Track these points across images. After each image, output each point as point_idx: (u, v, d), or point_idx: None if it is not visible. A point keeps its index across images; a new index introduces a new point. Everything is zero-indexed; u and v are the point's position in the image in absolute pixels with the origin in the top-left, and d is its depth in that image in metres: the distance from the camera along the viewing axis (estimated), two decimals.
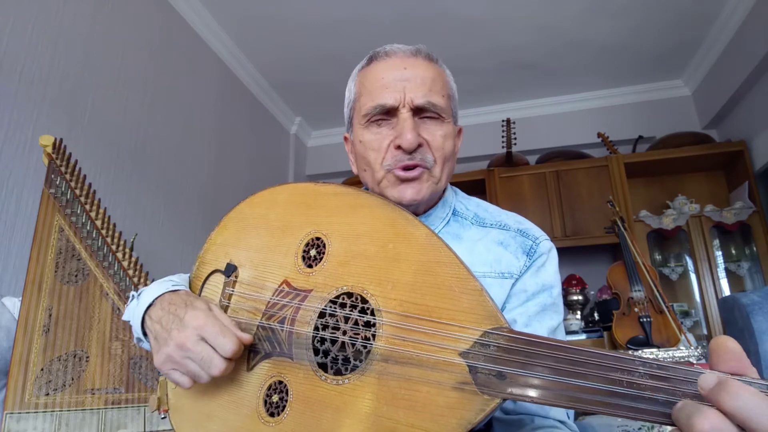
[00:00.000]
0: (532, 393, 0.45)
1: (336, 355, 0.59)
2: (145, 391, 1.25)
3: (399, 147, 0.75)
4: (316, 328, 0.62)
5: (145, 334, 0.72)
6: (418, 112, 0.76)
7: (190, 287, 0.80)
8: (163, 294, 0.72)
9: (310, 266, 0.66)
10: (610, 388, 0.42)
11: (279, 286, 0.67)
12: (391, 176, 0.76)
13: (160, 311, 0.69)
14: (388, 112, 0.77)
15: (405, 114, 0.75)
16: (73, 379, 1.22)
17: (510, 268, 0.76)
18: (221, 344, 0.60)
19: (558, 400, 0.44)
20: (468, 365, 0.49)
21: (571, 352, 0.45)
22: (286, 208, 0.72)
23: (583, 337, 2.92)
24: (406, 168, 0.75)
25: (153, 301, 0.72)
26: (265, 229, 0.73)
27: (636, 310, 2.31)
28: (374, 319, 0.57)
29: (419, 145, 0.75)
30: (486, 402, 0.47)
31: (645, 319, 2.25)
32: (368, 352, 0.56)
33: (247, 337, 0.63)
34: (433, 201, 0.83)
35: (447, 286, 0.54)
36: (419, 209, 0.81)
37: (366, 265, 0.61)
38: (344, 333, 0.59)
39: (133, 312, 0.75)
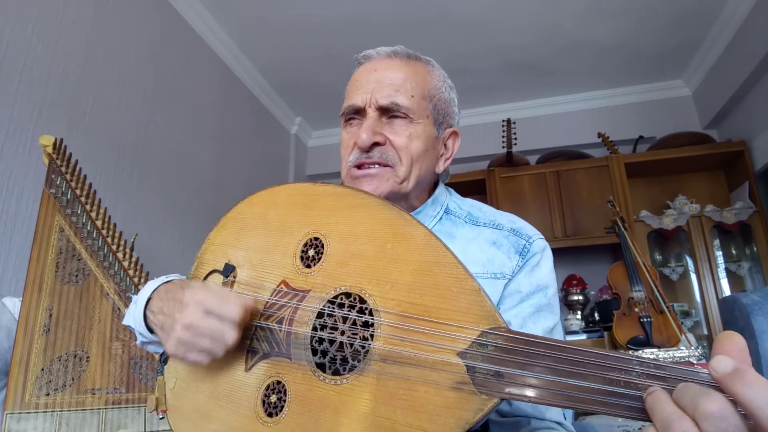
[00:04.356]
0: (530, 393, 0.45)
1: (334, 355, 0.59)
2: (146, 391, 1.25)
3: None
4: (315, 329, 0.61)
5: (151, 330, 0.72)
6: (384, 112, 0.78)
7: None
8: (158, 287, 0.73)
9: (308, 266, 0.66)
10: (608, 388, 0.42)
11: (277, 287, 0.67)
12: (349, 174, 0.80)
13: (159, 302, 0.69)
14: (358, 112, 0.80)
15: (370, 113, 0.78)
16: (73, 379, 1.22)
17: (502, 268, 0.76)
18: (227, 312, 0.60)
19: (556, 400, 0.44)
20: (466, 365, 0.49)
21: (569, 352, 0.45)
22: (285, 209, 0.72)
23: (583, 337, 2.92)
24: (360, 166, 0.78)
25: (150, 295, 0.72)
26: (264, 229, 0.73)
27: (636, 310, 2.31)
28: (372, 319, 0.57)
29: (378, 144, 0.77)
30: (484, 402, 0.47)
31: (645, 319, 2.25)
32: (366, 352, 0.56)
33: (249, 301, 0.63)
34: (405, 201, 0.82)
35: (445, 286, 0.53)
36: None
37: (364, 266, 0.60)
38: (342, 333, 0.59)
39: (133, 314, 0.75)
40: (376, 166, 0.77)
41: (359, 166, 0.78)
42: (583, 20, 2.87)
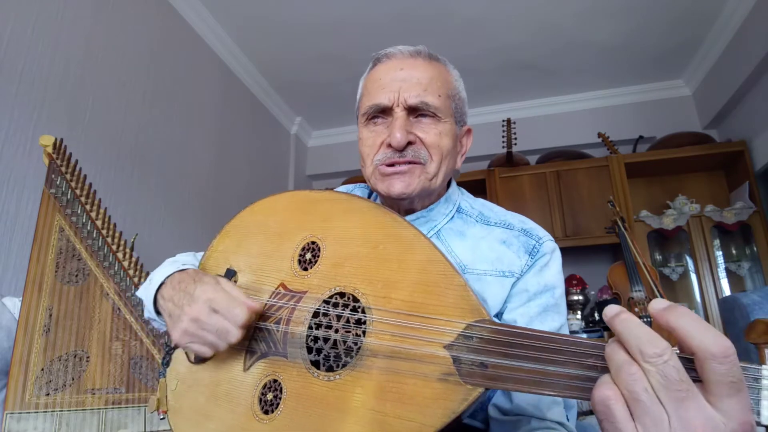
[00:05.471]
0: (513, 381, 0.47)
1: (328, 353, 0.61)
2: (146, 391, 1.25)
3: (390, 145, 0.78)
4: (310, 328, 0.63)
5: (158, 313, 0.76)
6: (412, 111, 0.79)
7: None
8: (173, 274, 0.75)
9: (305, 269, 0.68)
10: (587, 374, 0.44)
11: (276, 289, 0.69)
12: (378, 172, 0.80)
13: (171, 290, 0.72)
14: (384, 111, 0.80)
15: (398, 113, 0.78)
16: (73, 379, 1.22)
17: (511, 267, 0.77)
18: (233, 315, 0.63)
19: (537, 388, 0.45)
20: (452, 357, 0.50)
21: (550, 341, 0.46)
22: (285, 215, 0.75)
23: (583, 336, 2.92)
24: (392, 164, 0.78)
25: (164, 280, 0.75)
26: (264, 235, 0.75)
27: (636, 310, 2.31)
28: (365, 316, 0.59)
29: (410, 143, 0.78)
30: (469, 391, 0.48)
31: (645, 319, 2.25)
32: (359, 348, 0.58)
33: (256, 305, 0.65)
34: (429, 197, 0.84)
35: (434, 283, 0.55)
36: (415, 204, 0.83)
37: (358, 266, 0.62)
38: (336, 331, 0.61)
39: (146, 292, 0.78)
40: (408, 163, 0.78)
41: (389, 165, 0.78)
42: (583, 20, 2.88)
